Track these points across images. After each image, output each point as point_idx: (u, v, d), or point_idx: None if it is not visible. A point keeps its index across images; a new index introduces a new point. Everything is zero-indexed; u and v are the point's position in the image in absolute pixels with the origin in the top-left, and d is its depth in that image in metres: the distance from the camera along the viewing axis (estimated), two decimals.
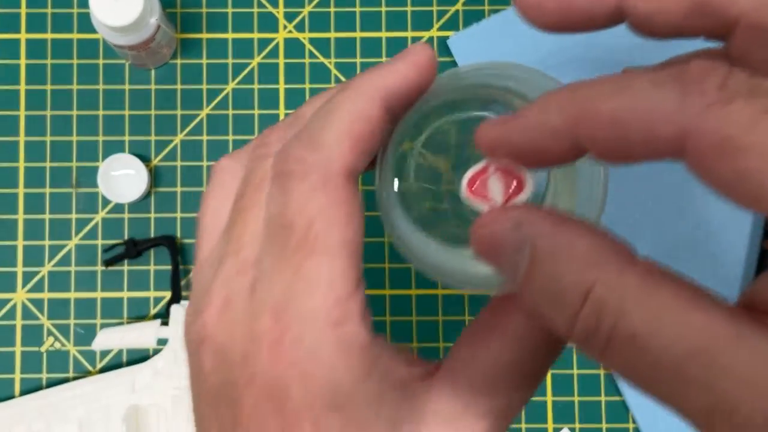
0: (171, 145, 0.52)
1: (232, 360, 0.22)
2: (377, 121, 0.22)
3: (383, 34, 0.53)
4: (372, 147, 0.23)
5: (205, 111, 0.52)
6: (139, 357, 0.51)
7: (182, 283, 0.51)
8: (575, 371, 0.51)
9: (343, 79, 0.53)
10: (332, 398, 0.21)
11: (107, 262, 0.51)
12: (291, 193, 0.22)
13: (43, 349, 0.51)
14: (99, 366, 0.51)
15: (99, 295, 0.51)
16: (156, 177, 0.52)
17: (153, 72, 0.53)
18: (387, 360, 0.22)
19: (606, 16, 0.22)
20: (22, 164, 0.52)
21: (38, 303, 0.51)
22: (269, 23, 0.53)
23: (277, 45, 0.53)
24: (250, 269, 0.23)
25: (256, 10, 0.53)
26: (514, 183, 0.21)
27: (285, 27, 0.53)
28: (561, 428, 0.51)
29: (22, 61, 0.52)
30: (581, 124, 0.18)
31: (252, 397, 0.21)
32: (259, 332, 0.21)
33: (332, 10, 0.53)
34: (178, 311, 0.48)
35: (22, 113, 0.52)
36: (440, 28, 0.53)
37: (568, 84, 0.19)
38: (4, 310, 0.51)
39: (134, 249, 0.51)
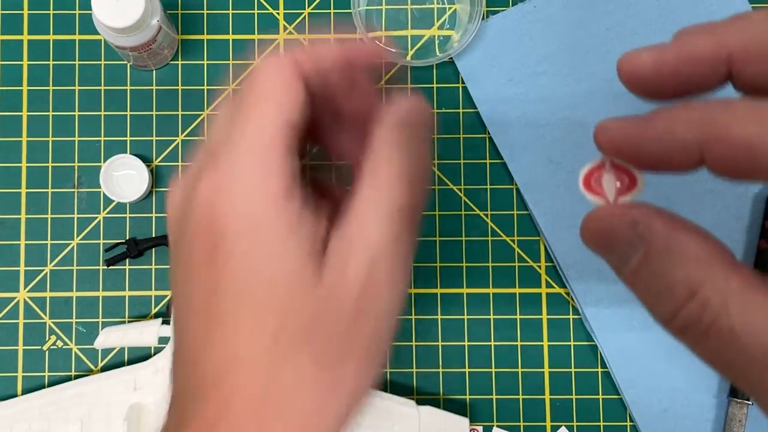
0: (172, 146, 0.53)
1: (188, 191, 0.26)
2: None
3: (383, 34, 0.54)
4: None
5: (206, 111, 0.53)
6: (140, 356, 0.51)
7: None
8: (573, 370, 0.51)
9: None
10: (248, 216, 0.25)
11: (109, 262, 0.51)
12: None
13: (45, 347, 0.51)
14: (101, 365, 0.51)
15: (100, 294, 0.52)
16: (157, 177, 0.52)
17: (154, 73, 0.53)
18: (303, 198, 0.26)
19: (715, 79, 0.21)
20: (24, 164, 0.52)
21: (40, 302, 0.51)
22: (270, 24, 0.53)
23: (277, 46, 0.53)
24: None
25: (256, 11, 0.53)
26: (627, 180, 0.22)
27: (285, 28, 0.53)
28: (559, 427, 0.51)
29: (25, 62, 0.53)
30: (713, 144, 0.20)
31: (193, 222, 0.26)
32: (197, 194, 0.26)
33: (332, 11, 0.54)
34: None
35: (25, 114, 0.52)
36: (440, 27, 0.54)
37: (693, 101, 0.21)
38: (6, 309, 0.51)
39: (135, 248, 0.51)
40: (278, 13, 0.54)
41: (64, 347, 0.51)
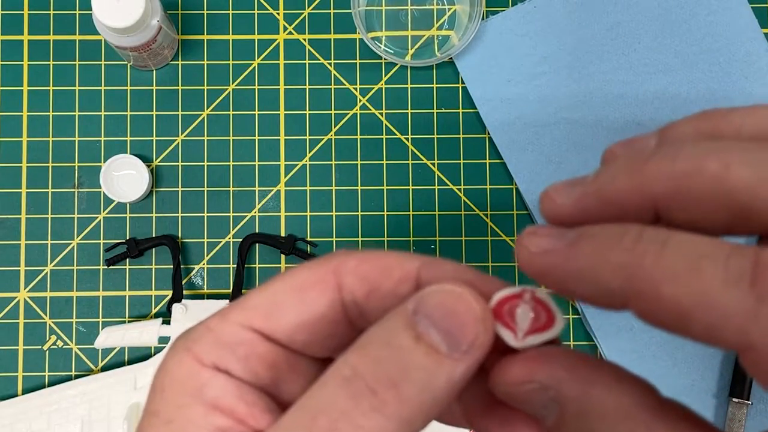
0: (172, 146, 0.53)
1: None
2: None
3: (383, 34, 0.54)
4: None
5: (206, 111, 0.53)
6: (140, 355, 0.51)
7: (183, 282, 0.51)
8: None
9: (342, 79, 0.53)
10: None
11: (109, 261, 0.51)
12: None
13: (45, 347, 0.51)
14: (101, 364, 0.51)
15: (101, 293, 0.52)
16: (157, 177, 0.52)
17: (154, 73, 0.53)
18: None
19: (643, 219, 0.19)
20: (24, 164, 0.52)
21: (41, 301, 0.51)
22: (270, 24, 0.53)
23: (277, 46, 0.53)
24: None
25: (256, 11, 0.54)
26: (544, 318, 0.20)
27: (285, 28, 0.54)
28: None
29: (25, 62, 0.53)
30: (639, 299, 0.17)
31: None
32: None
33: (332, 11, 0.54)
34: (179, 310, 0.48)
35: (25, 114, 0.53)
36: (440, 27, 0.54)
37: (627, 229, 0.17)
38: (7, 309, 0.51)
39: (136, 248, 0.51)
40: (278, 13, 0.54)
41: (64, 347, 0.51)
